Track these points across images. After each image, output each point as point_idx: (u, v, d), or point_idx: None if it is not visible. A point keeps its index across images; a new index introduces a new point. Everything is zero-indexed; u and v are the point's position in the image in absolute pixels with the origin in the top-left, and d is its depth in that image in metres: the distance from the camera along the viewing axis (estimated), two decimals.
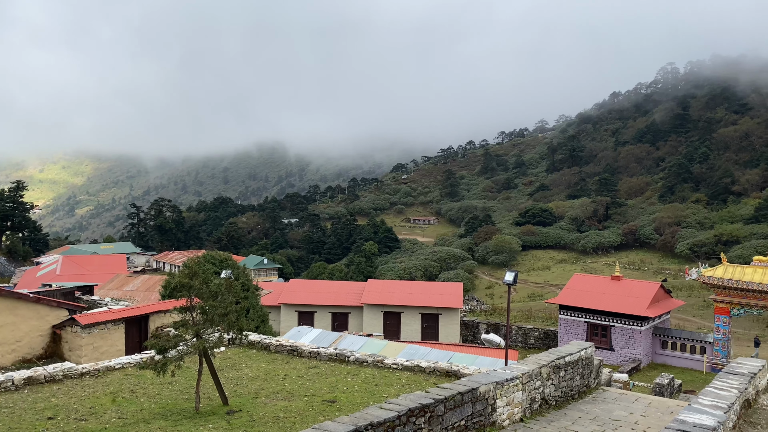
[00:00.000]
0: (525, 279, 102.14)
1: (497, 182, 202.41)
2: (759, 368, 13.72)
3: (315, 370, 17.33)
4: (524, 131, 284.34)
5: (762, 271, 38.62)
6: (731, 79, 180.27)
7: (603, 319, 42.94)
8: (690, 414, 9.65)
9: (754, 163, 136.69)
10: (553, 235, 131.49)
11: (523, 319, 58.46)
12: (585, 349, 15.19)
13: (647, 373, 39.07)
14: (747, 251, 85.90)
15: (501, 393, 11.76)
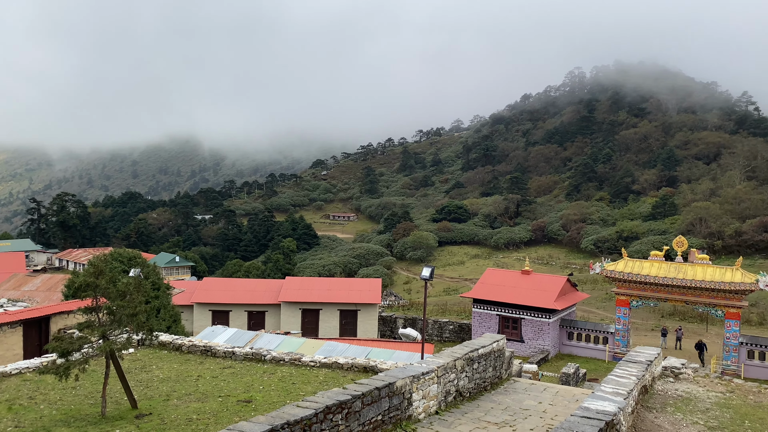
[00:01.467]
0: (441, 274, 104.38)
1: (415, 179, 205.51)
2: (655, 356, 14.69)
3: (230, 370, 16.94)
4: (441, 130, 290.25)
5: (658, 265, 41.38)
6: (632, 84, 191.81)
7: (514, 312, 44.58)
8: (593, 401, 10.19)
9: (652, 163, 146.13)
10: (467, 231, 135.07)
11: (439, 313, 59.72)
12: (497, 342, 15.71)
13: (555, 363, 40.94)
14: (645, 246, 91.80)
15: (417, 387, 11.96)
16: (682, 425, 11.51)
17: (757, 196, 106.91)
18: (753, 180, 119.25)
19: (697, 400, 13.14)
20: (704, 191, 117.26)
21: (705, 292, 39.04)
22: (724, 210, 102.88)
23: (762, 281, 37.46)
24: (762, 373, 37.51)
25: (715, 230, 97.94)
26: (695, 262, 40.87)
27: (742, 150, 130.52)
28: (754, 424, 11.74)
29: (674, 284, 39.66)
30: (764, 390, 14.38)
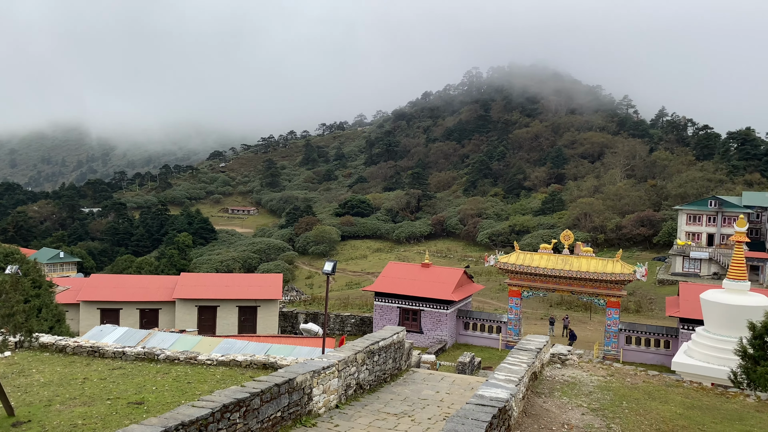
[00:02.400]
0: (343, 268, 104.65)
1: (318, 173, 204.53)
2: (544, 344, 15.51)
3: (120, 371, 16.07)
4: (344, 124, 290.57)
5: (547, 258, 43.76)
6: (525, 86, 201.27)
7: (414, 304, 45.54)
8: (487, 389, 10.60)
9: (542, 161, 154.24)
10: (370, 226, 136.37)
11: (341, 307, 59.89)
12: (397, 334, 15.95)
13: (452, 353, 42.27)
14: (535, 240, 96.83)
15: (318, 381, 11.90)
16: (568, 408, 12.24)
17: (635, 192, 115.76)
18: (632, 178, 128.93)
19: (582, 384, 14.02)
20: (589, 188, 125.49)
21: (589, 282, 41.74)
22: (606, 206, 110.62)
23: (639, 272, 40.60)
24: (638, 357, 40.72)
25: (598, 224, 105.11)
26: (580, 255, 43.59)
27: (622, 150, 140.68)
28: (631, 404, 12.71)
29: (561, 275, 42.09)
30: (639, 373, 15.59)
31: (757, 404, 13.55)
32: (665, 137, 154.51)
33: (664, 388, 14.33)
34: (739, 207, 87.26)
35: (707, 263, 78.32)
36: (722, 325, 26.84)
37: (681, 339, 38.01)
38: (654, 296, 66.73)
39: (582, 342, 45.08)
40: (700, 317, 31.31)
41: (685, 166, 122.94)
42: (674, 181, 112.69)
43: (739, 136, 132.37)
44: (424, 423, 12.01)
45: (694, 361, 26.83)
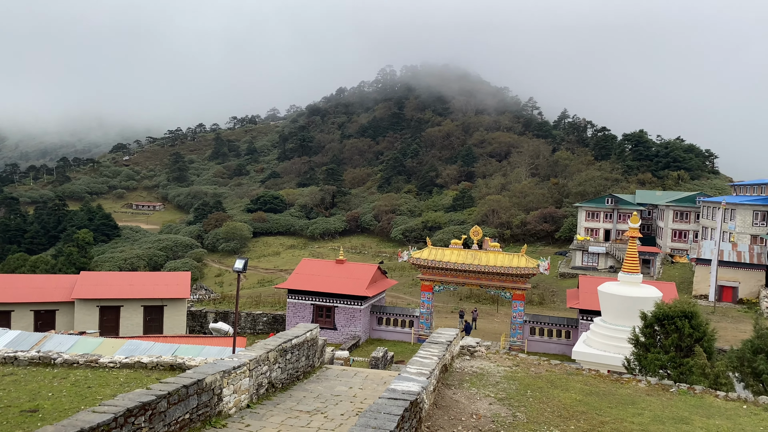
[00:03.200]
0: (256, 265, 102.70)
1: (229, 168, 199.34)
2: (454, 336, 15.93)
3: (11, 377, 14.98)
4: (256, 118, 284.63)
5: (457, 253, 44.95)
6: (437, 85, 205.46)
7: (328, 300, 45.44)
8: (400, 382, 10.76)
9: (453, 159, 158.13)
10: (283, 222, 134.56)
11: (253, 305, 58.78)
12: (310, 331, 15.87)
13: (365, 348, 42.56)
14: (447, 235, 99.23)
15: (228, 381, 11.63)
16: (476, 398, 12.64)
17: (538, 190, 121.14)
18: (536, 176, 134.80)
19: (489, 375, 14.52)
20: (497, 186, 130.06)
21: (496, 276, 43.29)
22: (513, 203, 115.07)
23: (542, 266, 42.54)
24: (542, 347, 42.70)
25: (505, 220, 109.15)
26: (488, 250, 45.10)
27: (527, 149, 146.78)
28: (535, 393, 13.31)
29: (471, 270, 43.39)
30: (543, 362, 16.34)
31: (647, 388, 14.56)
32: (567, 138, 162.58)
33: (566, 376, 15.10)
34: (633, 204, 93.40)
35: (604, 257, 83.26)
36: (617, 316, 28.64)
37: (581, 329, 40.22)
38: (556, 289, 70.19)
39: (489, 333, 46.71)
40: (598, 308, 33.27)
41: (585, 165, 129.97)
42: (575, 180, 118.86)
43: (633, 138, 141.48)
44: (337, 419, 12.02)
45: (593, 350, 28.47)
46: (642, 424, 11.68)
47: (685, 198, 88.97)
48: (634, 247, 30.44)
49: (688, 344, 19.18)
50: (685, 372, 17.95)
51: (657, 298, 26.44)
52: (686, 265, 74.66)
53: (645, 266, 76.36)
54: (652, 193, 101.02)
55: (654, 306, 20.99)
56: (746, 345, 22.16)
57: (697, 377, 17.19)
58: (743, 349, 22.13)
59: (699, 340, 19.32)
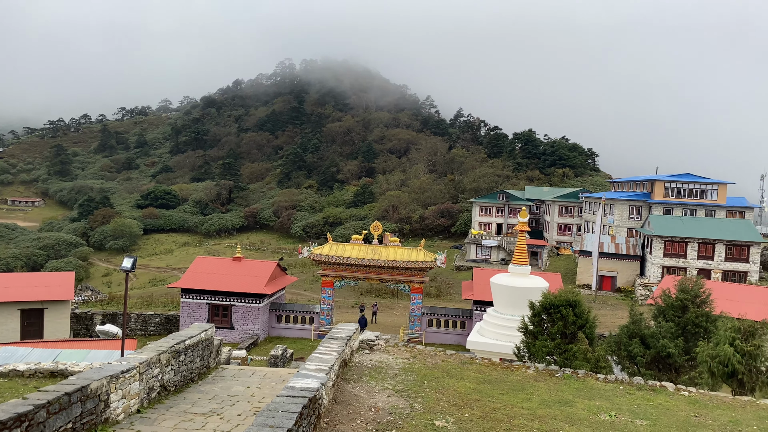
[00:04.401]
0: (147, 264, 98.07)
1: (117, 161, 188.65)
2: (353, 331, 16.02)
3: None
4: (147, 109, 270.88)
5: (358, 248, 45.25)
6: (338, 80, 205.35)
7: (224, 299, 44.23)
8: (299, 379, 10.67)
9: (354, 155, 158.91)
10: (176, 218, 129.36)
11: (144, 305, 56.13)
12: (205, 331, 15.38)
13: (264, 347, 41.87)
14: (348, 231, 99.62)
15: (116, 386, 11.02)
16: (375, 391, 12.80)
17: (436, 186, 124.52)
18: (434, 173, 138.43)
19: (388, 368, 14.74)
20: (396, 181, 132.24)
21: (396, 270, 44.02)
22: (412, 198, 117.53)
23: (439, 259, 43.76)
24: (438, 338, 43.95)
25: (405, 216, 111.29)
26: (388, 245, 45.76)
27: (425, 147, 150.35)
28: (431, 383, 13.67)
29: (371, 264, 43.85)
30: (439, 353, 16.82)
31: (536, 374, 15.38)
32: (462, 136, 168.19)
33: (460, 365, 15.63)
34: (523, 200, 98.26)
35: (497, 250, 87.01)
36: (508, 306, 30.01)
37: (475, 319, 41.78)
38: (452, 281, 72.50)
39: (389, 327, 47.44)
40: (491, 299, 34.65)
41: (479, 162, 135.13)
42: (469, 177, 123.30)
43: (523, 137, 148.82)
44: (234, 420, 11.74)
45: (486, 339, 29.66)
46: (531, 409, 12.32)
47: (570, 194, 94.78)
48: (523, 241, 32.00)
49: (572, 331, 20.46)
50: (569, 357, 19.13)
51: (544, 288, 27.98)
52: (571, 257, 79.60)
53: (533, 258, 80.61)
54: (539, 189, 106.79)
55: (541, 296, 22.19)
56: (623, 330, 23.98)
57: (580, 362, 18.37)
58: (620, 334, 23.94)
59: (582, 327, 20.65)
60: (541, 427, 11.22)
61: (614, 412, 12.49)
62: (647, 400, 13.64)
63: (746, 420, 12.61)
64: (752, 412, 13.35)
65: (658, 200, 72.56)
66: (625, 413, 12.48)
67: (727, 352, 17.19)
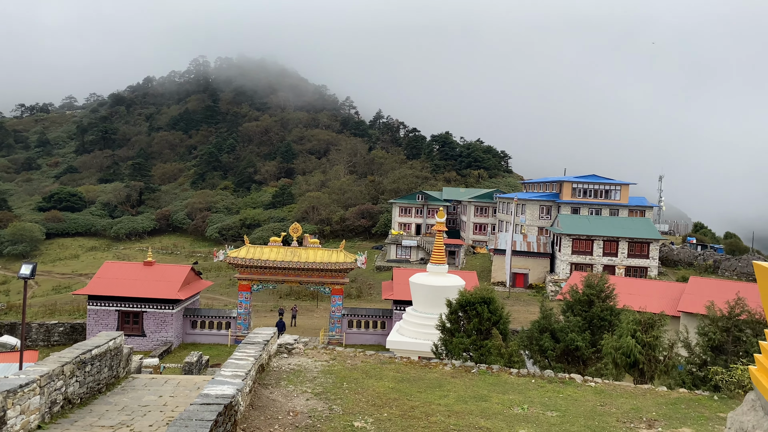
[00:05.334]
0: (50, 270, 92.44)
1: (15, 161, 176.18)
2: (271, 335, 15.76)
3: None
4: (49, 106, 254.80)
5: (277, 250, 44.59)
6: (254, 79, 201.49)
7: (135, 305, 42.38)
8: (213, 386, 10.37)
9: (272, 155, 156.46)
10: (83, 222, 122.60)
11: (47, 314, 52.84)
12: (114, 339, 14.67)
13: (178, 354, 40.44)
14: (266, 233, 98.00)
15: (13, 402, 10.29)
16: (294, 395, 12.64)
17: (356, 187, 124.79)
18: (354, 174, 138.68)
19: (307, 371, 14.61)
20: (316, 182, 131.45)
21: (316, 272, 43.72)
22: (332, 199, 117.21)
23: (359, 260, 43.88)
24: (359, 339, 44.05)
25: (325, 217, 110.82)
26: (308, 246, 45.40)
27: (345, 147, 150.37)
28: (350, 384, 13.66)
29: (290, 267, 43.33)
30: (359, 354, 16.85)
31: (453, 371, 15.71)
32: (382, 137, 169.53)
33: (379, 365, 15.72)
34: (441, 201, 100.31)
35: (416, 250, 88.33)
36: (427, 304, 30.53)
37: (395, 319, 42.20)
38: (373, 282, 72.91)
39: (309, 329, 47.10)
40: (410, 298, 35.13)
41: (398, 164, 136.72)
42: (389, 178, 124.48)
43: (440, 139, 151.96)
44: (145, 431, 11.25)
45: (405, 338, 30.04)
46: (448, 405, 12.57)
47: (484, 195, 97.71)
48: (440, 240, 32.67)
49: (487, 327, 21.07)
50: (484, 353, 19.68)
51: (461, 287, 28.67)
52: (486, 255, 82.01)
53: (451, 257, 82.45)
54: (456, 190, 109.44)
55: (458, 294, 22.72)
56: (534, 325, 24.95)
57: (494, 357, 18.94)
58: (532, 329, 24.90)
59: (496, 323, 21.31)
60: (458, 423, 11.46)
61: (527, 405, 12.96)
62: (557, 392, 14.25)
63: (646, 407, 13.44)
64: (651, 399, 14.24)
65: (566, 200, 76.13)
66: (537, 406, 12.98)
67: (629, 343, 18.25)
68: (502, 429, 11.30)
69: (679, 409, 13.45)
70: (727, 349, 19.82)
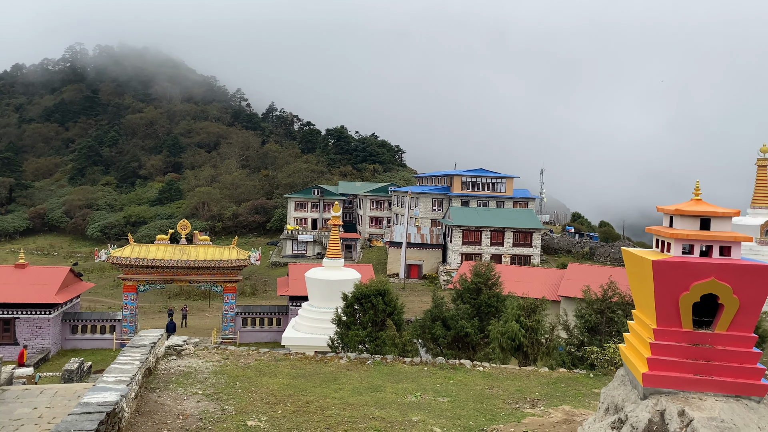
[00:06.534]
0: None
1: None
2: (158, 337, 15.09)
3: None
4: None
5: (164, 249, 42.69)
6: (137, 69, 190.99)
7: (6, 311, 39.01)
8: (95, 394, 9.79)
9: (158, 149, 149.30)
10: None
11: None
12: None
13: (57, 361, 37.77)
14: (153, 231, 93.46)
15: None
16: (184, 398, 12.20)
17: (249, 182, 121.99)
18: (247, 168, 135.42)
19: (197, 372, 14.14)
20: (206, 177, 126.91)
21: (207, 270, 42.35)
22: (224, 194, 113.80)
23: (253, 257, 43.01)
24: (254, 337, 43.24)
25: (216, 213, 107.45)
26: (198, 244, 43.87)
27: (237, 141, 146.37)
28: (243, 384, 13.39)
29: (179, 266, 41.67)
30: (252, 352, 16.54)
31: (348, 364, 15.83)
32: (275, 131, 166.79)
33: (274, 362, 15.54)
34: (337, 195, 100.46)
35: (312, 245, 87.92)
36: (323, 299, 30.53)
37: (291, 315, 41.84)
38: (268, 278, 71.78)
39: (201, 330, 45.62)
40: (306, 294, 34.97)
41: (293, 158, 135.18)
42: (284, 172, 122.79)
43: (335, 133, 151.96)
44: None
45: (301, 334, 29.88)
46: (343, 398, 12.66)
47: (380, 188, 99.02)
48: (336, 235, 32.76)
49: (382, 318, 21.42)
50: (380, 344, 20.00)
51: (356, 280, 28.92)
52: (382, 248, 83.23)
53: (348, 251, 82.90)
54: (352, 184, 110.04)
55: (354, 287, 22.90)
56: (427, 314, 25.69)
57: (389, 347, 19.30)
58: (425, 318, 25.62)
59: (391, 314, 21.72)
60: (353, 415, 11.58)
61: (420, 392, 13.33)
62: (448, 378, 14.78)
63: (530, 387, 14.26)
64: (535, 379, 15.13)
65: (457, 193, 78.85)
66: (429, 392, 13.39)
67: (514, 328, 19.25)
68: (396, 417, 11.55)
69: (560, 387, 14.39)
70: (601, 329, 21.43)
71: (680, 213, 7.73)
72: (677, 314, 7.62)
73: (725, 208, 7.83)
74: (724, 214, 7.67)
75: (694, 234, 7.56)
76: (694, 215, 7.70)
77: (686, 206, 7.83)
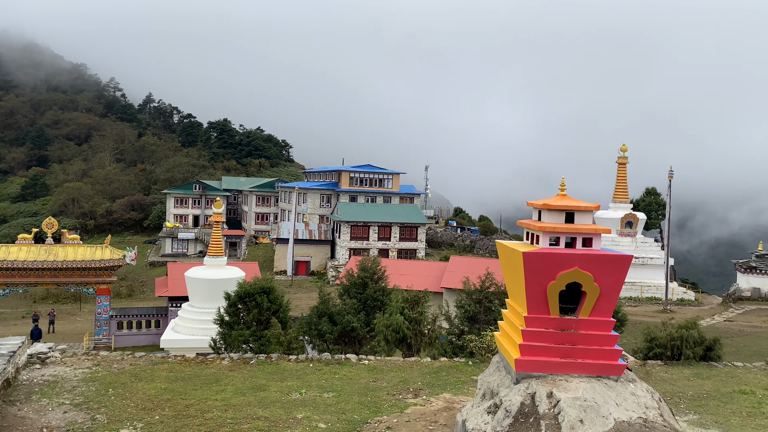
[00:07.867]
0: None
1: None
2: (19, 345, 13.85)
3: None
4: None
5: (27, 249, 39.21)
6: None
7: None
8: None
9: (21, 141, 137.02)
10: None
11: None
12: None
13: None
14: (15, 230, 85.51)
15: None
16: (48, 410, 11.29)
17: (125, 177, 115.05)
18: (122, 162, 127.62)
19: (64, 381, 13.15)
20: (76, 172, 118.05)
21: (77, 271, 39.43)
22: (96, 190, 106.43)
23: (129, 256, 40.65)
24: (131, 340, 40.90)
25: (88, 210, 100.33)
26: (66, 243, 40.75)
27: (111, 133, 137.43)
28: (117, 390, 12.61)
29: (45, 267, 38.49)
30: (127, 357, 15.62)
31: (231, 365, 15.40)
32: (153, 123, 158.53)
33: (151, 366, 14.79)
34: (220, 191, 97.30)
35: (194, 243, 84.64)
36: (204, 298, 29.50)
37: (171, 317, 40.00)
38: (146, 278, 68.22)
39: (72, 335, 42.55)
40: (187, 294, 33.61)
41: (172, 152, 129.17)
42: (162, 166, 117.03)
43: (218, 126, 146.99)
44: None
45: (181, 336, 28.69)
46: (225, 400, 12.30)
47: (266, 184, 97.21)
48: (218, 232, 31.75)
49: (267, 317, 21.05)
50: (264, 343, 19.64)
51: (240, 278, 28.22)
52: (269, 245, 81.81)
53: (232, 249, 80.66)
54: (237, 180, 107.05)
55: (237, 285, 22.32)
56: (313, 311, 25.60)
57: (274, 346, 19.01)
58: (311, 315, 25.52)
59: (276, 312, 21.39)
60: (235, 416, 11.29)
61: (304, 389, 13.25)
62: (334, 373, 14.81)
63: (413, 378, 14.62)
64: (418, 370, 15.54)
65: (345, 189, 79.20)
66: (315, 389, 13.34)
67: (398, 320, 19.66)
68: (280, 416, 11.40)
69: (441, 376, 14.89)
70: (480, 318, 22.43)
71: (547, 207, 8.24)
72: (545, 302, 8.13)
73: (588, 202, 8.45)
74: (586, 208, 8.27)
75: (559, 227, 8.09)
76: (560, 209, 8.23)
77: (553, 201, 8.36)
